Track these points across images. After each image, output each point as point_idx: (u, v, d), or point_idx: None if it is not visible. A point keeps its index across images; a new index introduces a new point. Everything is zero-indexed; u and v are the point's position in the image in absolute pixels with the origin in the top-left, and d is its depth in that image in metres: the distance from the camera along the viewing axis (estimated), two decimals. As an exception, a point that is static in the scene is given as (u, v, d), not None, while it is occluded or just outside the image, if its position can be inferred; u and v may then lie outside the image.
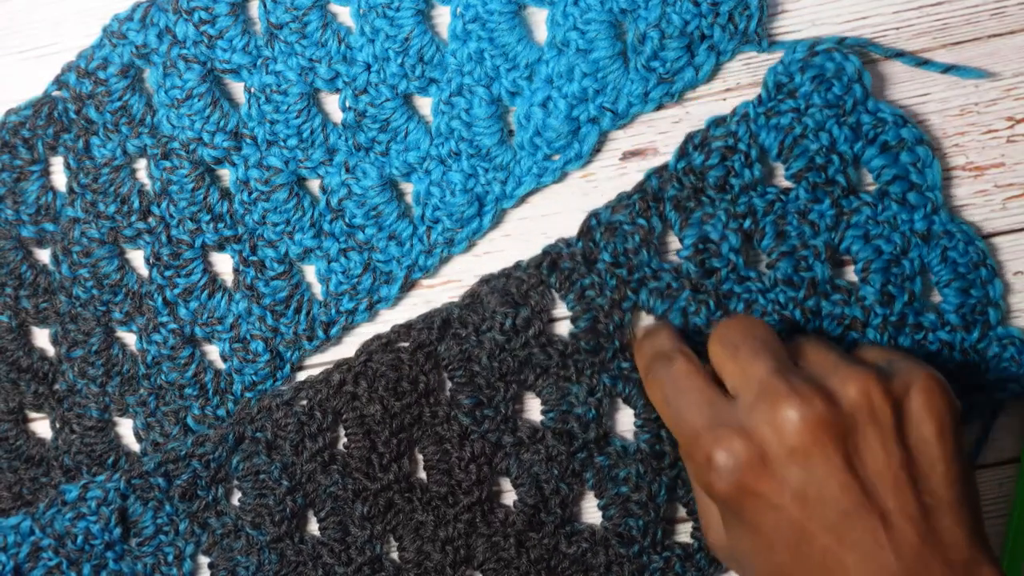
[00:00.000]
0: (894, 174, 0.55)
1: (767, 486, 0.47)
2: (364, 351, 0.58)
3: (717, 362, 0.51)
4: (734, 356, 0.50)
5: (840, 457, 0.46)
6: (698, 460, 0.48)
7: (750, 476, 0.47)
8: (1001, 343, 0.56)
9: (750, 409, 0.48)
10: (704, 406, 0.49)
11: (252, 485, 0.59)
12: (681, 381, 0.51)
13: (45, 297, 0.60)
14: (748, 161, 0.56)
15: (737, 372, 0.49)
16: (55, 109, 0.59)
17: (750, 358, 0.49)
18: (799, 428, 0.46)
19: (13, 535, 0.59)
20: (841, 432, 0.46)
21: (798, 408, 0.46)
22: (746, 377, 0.49)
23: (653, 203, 0.57)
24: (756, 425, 0.47)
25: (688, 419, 0.50)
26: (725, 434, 0.48)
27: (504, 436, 0.58)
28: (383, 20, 0.57)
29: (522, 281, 0.57)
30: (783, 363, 0.49)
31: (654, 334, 0.55)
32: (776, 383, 0.47)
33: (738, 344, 0.50)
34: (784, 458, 0.46)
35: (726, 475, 0.47)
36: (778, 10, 0.57)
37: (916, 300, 0.56)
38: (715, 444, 0.48)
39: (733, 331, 0.51)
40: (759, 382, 0.48)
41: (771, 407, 0.47)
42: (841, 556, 0.46)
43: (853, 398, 0.47)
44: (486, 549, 0.59)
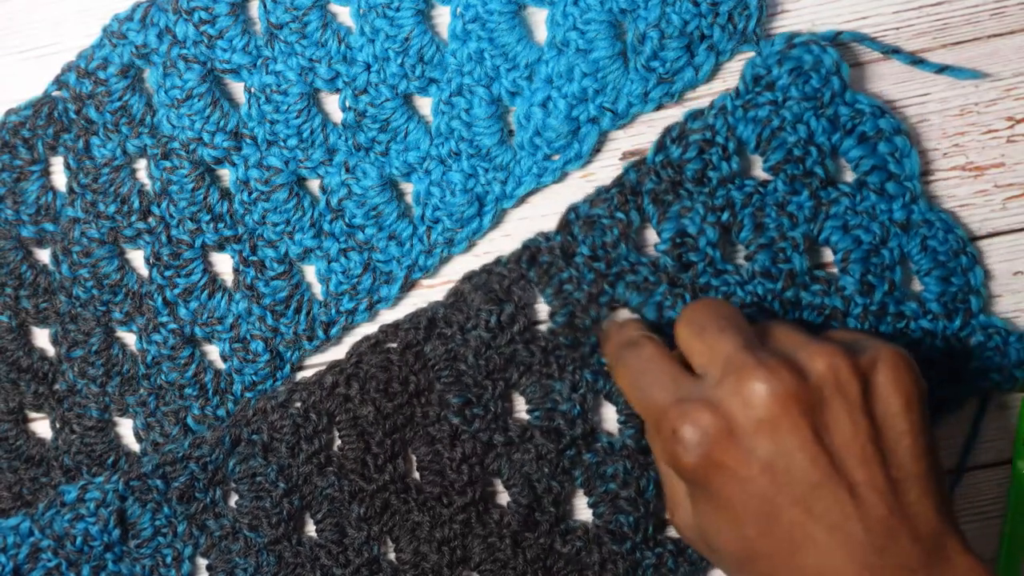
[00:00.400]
0: (872, 164, 0.55)
1: (735, 459, 0.46)
2: (354, 352, 0.58)
3: (684, 343, 0.51)
4: (700, 335, 0.50)
5: (808, 429, 0.46)
6: (664, 435, 0.48)
7: (717, 449, 0.46)
8: (985, 332, 0.55)
9: (717, 384, 0.47)
10: (670, 384, 0.49)
11: (249, 487, 0.59)
12: (647, 363, 0.51)
13: (45, 297, 0.60)
14: (726, 154, 0.56)
15: (704, 350, 0.49)
16: (55, 109, 0.59)
17: (716, 335, 0.49)
18: (767, 400, 0.46)
19: (13, 536, 0.59)
20: (809, 404, 0.46)
21: (766, 380, 0.46)
22: (713, 354, 0.49)
23: (631, 196, 0.57)
24: (723, 398, 0.47)
25: (654, 397, 0.50)
26: (691, 407, 0.47)
27: (495, 435, 0.58)
28: (383, 20, 0.57)
29: (504, 276, 0.57)
30: (750, 339, 0.49)
31: (621, 324, 0.55)
32: (743, 357, 0.47)
33: (704, 324, 0.50)
34: (752, 430, 0.46)
35: (693, 448, 0.47)
36: (778, 10, 0.57)
37: (896, 289, 0.55)
38: (681, 418, 0.47)
39: (699, 312, 0.51)
40: (726, 357, 0.48)
41: (738, 380, 0.47)
42: (809, 528, 0.46)
43: (821, 371, 0.47)
44: (482, 549, 0.59)
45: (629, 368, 0.52)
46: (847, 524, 0.45)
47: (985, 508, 0.58)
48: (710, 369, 0.49)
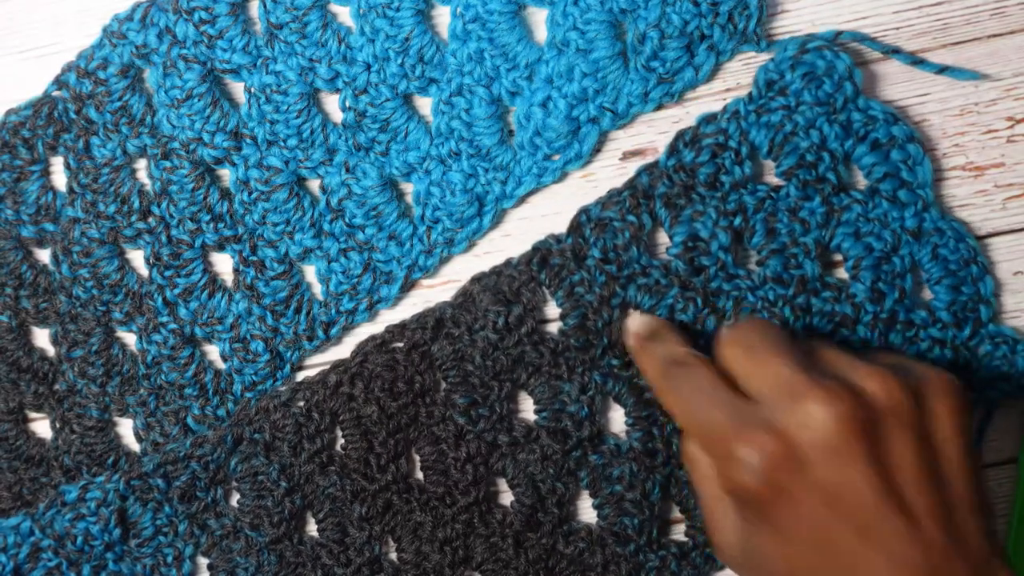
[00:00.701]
0: (884, 171, 0.55)
1: (795, 482, 0.46)
2: (360, 352, 0.58)
3: (731, 364, 0.51)
4: (750, 356, 0.50)
5: (867, 453, 0.46)
6: (722, 457, 0.48)
7: (779, 472, 0.46)
8: (993, 341, 0.56)
9: (774, 407, 0.47)
10: (727, 406, 0.49)
11: (251, 486, 0.59)
12: (701, 382, 0.50)
13: (45, 297, 0.60)
14: (738, 158, 0.56)
15: (755, 372, 0.49)
16: (55, 109, 0.59)
17: (768, 357, 0.49)
18: (827, 423, 0.46)
19: (13, 536, 0.59)
20: (868, 428, 0.46)
21: (825, 402, 0.46)
22: (765, 376, 0.49)
23: (643, 200, 0.57)
24: (783, 422, 0.47)
25: (712, 418, 0.49)
26: (754, 432, 0.47)
27: (500, 436, 0.58)
28: (383, 20, 0.57)
29: (513, 279, 0.57)
30: (802, 360, 0.49)
31: (659, 336, 0.55)
32: (799, 380, 0.47)
33: (753, 344, 0.50)
34: (813, 454, 0.46)
35: (757, 472, 0.47)
36: (778, 10, 0.57)
37: (907, 297, 0.56)
38: (744, 442, 0.47)
39: (747, 332, 0.51)
40: (781, 380, 0.48)
41: (797, 403, 0.47)
42: (866, 553, 0.46)
43: (876, 394, 0.47)
44: (484, 550, 0.59)
45: (679, 387, 0.51)
46: (905, 549, 0.45)
47: (985, 507, 0.58)
48: (764, 391, 0.48)
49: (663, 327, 0.55)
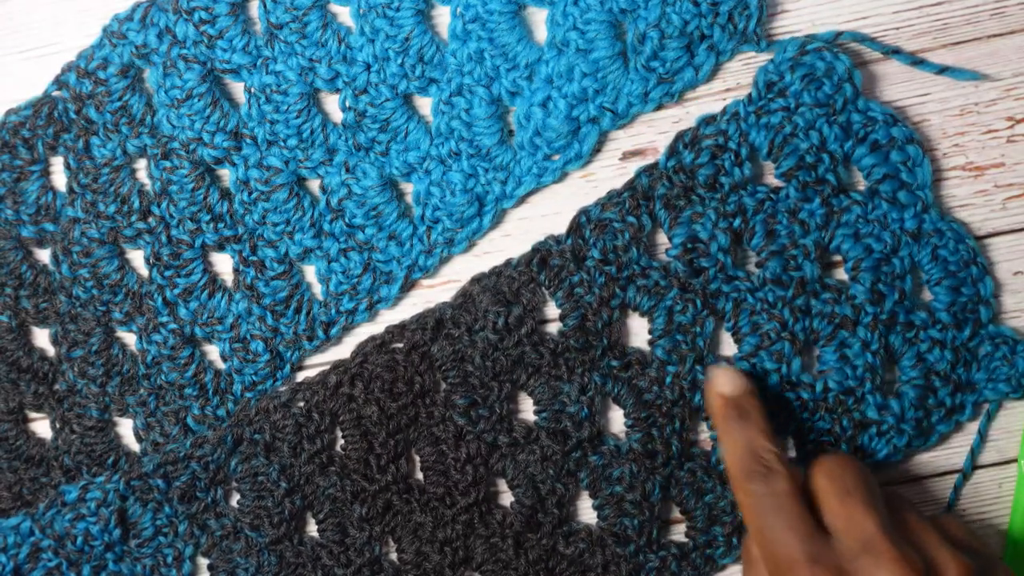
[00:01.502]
0: (884, 173, 0.55)
1: None
2: (360, 352, 0.58)
3: (822, 496, 0.51)
4: (843, 499, 0.50)
5: None
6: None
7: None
8: (993, 342, 0.56)
9: (854, 557, 0.48)
10: (805, 535, 0.49)
11: (251, 487, 0.59)
12: (782, 500, 0.51)
13: (45, 297, 0.60)
14: (738, 160, 0.56)
15: (843, 515, 0.50)
16: (55, 109, 0.59)
17: (861, 508, 0.50)
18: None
19: (13, 536, 0.59)
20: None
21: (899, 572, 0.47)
22: (852, 524, 0.49)
23: (643, 201, 0.57)
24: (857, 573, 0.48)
25: (786, 543, 0.49)
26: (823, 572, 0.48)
27: (499, 436, 0.58)
28: (383, 20, 0.57)
29: (513, 279, 0.57)
30: (891, 524, 0.50)
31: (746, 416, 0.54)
32: (885, 543, 0.48)
33: (851, 489, 0.50)
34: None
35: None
36: (778, 10, 0.57)
37: (907, 298, 0.56)
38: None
39: (846, 472, 0.51)
40: (867, 535, 0.49)
41: (877, 564, 0.48)
42: None
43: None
44: (484, 550, 0.59)
45: (759, 497, 0.51)
46: None
47: (986, 508, 0.58)
48: (845, 538, 0.49)
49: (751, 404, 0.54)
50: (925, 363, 0.56)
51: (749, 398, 0.55)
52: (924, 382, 0.56)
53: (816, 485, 0.52)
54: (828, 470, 0.52)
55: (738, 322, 0.56)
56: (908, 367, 0.56)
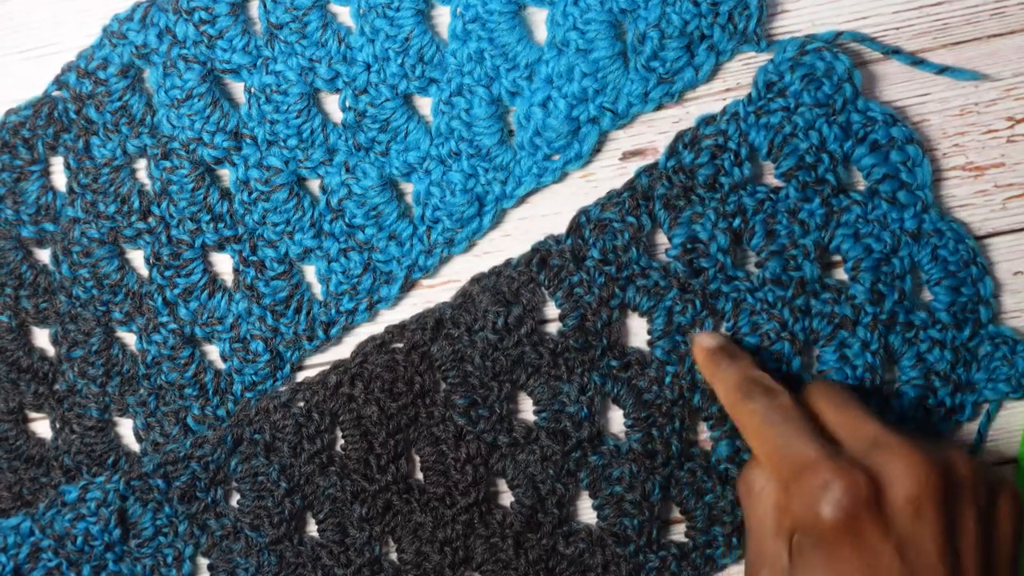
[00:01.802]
0: (884, 173, 0.55)
1: (873, 528, 0.47)
2: (360, 352, 0.58)
3: (819, 410, 0.52)
4: (842, 409, 0.51)
5: (946, 521, 0.48)
6: (808, 485, 0.48)
7: (862, 513, 0.47)
8: (993, 342, 0.56)
9: (864, 455, 0.49)
10: (817, 439, 0.50)
11: (251, 487, 0.59)
12: (791, 411, 0.51)
13: (45, 297, 0.60)
14: (738, 160, 0.56)
15: (845, 424, 0.51)
16: (55, 109, 0.59)
17: (861, 415, 0.50)
18: (917, 480, 0.47)
19: (13, 536, 0.59)
20: (950, 498, 0.48)
21: (919, 463, 0.47)
22: (856, 430, 0.50)
23: (643, 201, 0.57)
24: (875, 466, 0.48)
25: (802, 446, 0.49)
26: (848, 466, 0.48)
27: (499, 436, 0.58)
28: (383, 20, 0.57)
29: (513, 279, 0.57)
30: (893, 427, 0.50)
31: (735, 356, 0.55)
32: (895, 439, 0.49)
33: (846, 401, 0.51)
34: (898, 505, 0.47)
35: (841, 505, 0.47)
36: (778, 10, 0.57)
37: (906, 298, 0.56)
38: (836, 473, 0.47)
39: (836, 389, 0.53)
40: (873, 435, 0.49)
41: (892, 457, 0.48)
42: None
43: (964, 475, 0.49)
44: (484, 550, 0.59)
45: (763, 409, 0.52)
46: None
47: (986, 508, 0.58)
48: (852, 440, 0.50)
49: (738, 348, 0.56)
50: (925, 363, 0.56)
51: (734, 344, 0.56)
52: (924, 382, 0.56)
53: (811, 405, 0.52)
54: (819, 390, 0.53)
55: (738, 322, 0.56)
56: (908, 367, 0.56)
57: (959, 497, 0.48)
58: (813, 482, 0.48)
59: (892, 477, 0.47)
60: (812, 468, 0.48)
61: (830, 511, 0.47)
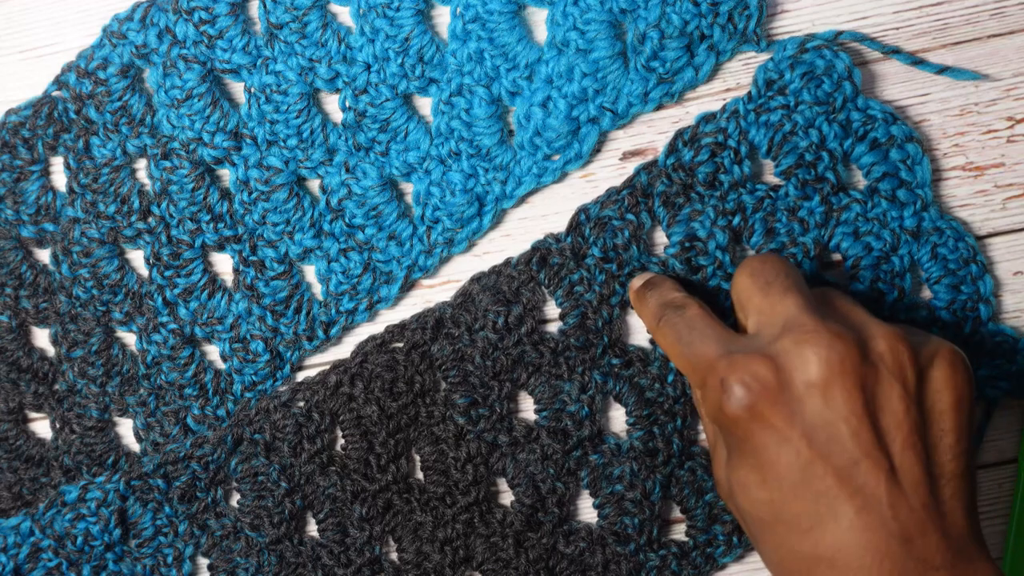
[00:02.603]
0: (884, 171, 0.55)
1: (780, 415, 0.46)
2: (360, 352, 0.58)
3: (743, 295, 0.50)
4: (764, 291, 0.49)
5: (860, 402, 0.45)
6: (711, 385, 0.48)
7: (764, 401, 0.46)
8: (993, 340, 0.56)
9: (773, 340, 0.47)
10: (719, 338, 0.49)
11: (251, 487, 0.59)
12: (696, 321, 0.50)
13: (45, 297, 0.60)
14: (737, 158, 0.56)
15: (765, 307, 0.49)
16: (55, 109, 0.59)
17: (781, 294, 0.49)
18: (825, 362, 0.45)
19: (13, 536, 0.59)
20: (864, 378, 0.46)
21: (827, 344, 0.45)
22: (774, 312, 0.48)
23: (642, 199, 0.57)
24: (779, 353, 0.46)
25: (703, 351, 0.49)
26: (743, 357, 0.47)
27: (500, 436, 0.58)
28: (383, 20, 0.57)
29: (513, 278, 0.57)
30: (815, 305, 0.48)
31: (658, 285, 0.54)
32: (807, 318, 0.47)
33: (770, 280, 0.50)
34: (803, 390, 0.46)
35: (740, 396, 0.46)
36: (778, 10, 0.57)
37: (906, 297, 0.56)
38: (731, 367, 0.47)
39: (766, 267, 0.50)
40: (788, 316, 0.47)
41: (799, 339, 0.46)
42: (838, 503, 0.45)
43: (882, 351, 0.46)
44: (485, 549, 0.59)
45: (674, 327, 0.51)
46: (878, 507, 0.45)
47: (986, 508, 0.58)
48: (766, 327, 0.48)
49: (660, 277, 0.55)
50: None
51: (658, 277, 0.55)
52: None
53: (737, 287, 0.51)
54: (748, 270, 0.51)
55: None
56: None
57: (879, 376, 0.46)
58: (712, 382, 0.47)
59: (796, 361, 0.46)
60: (712, 368, 0.48)
61: (731, 405, 0.46)
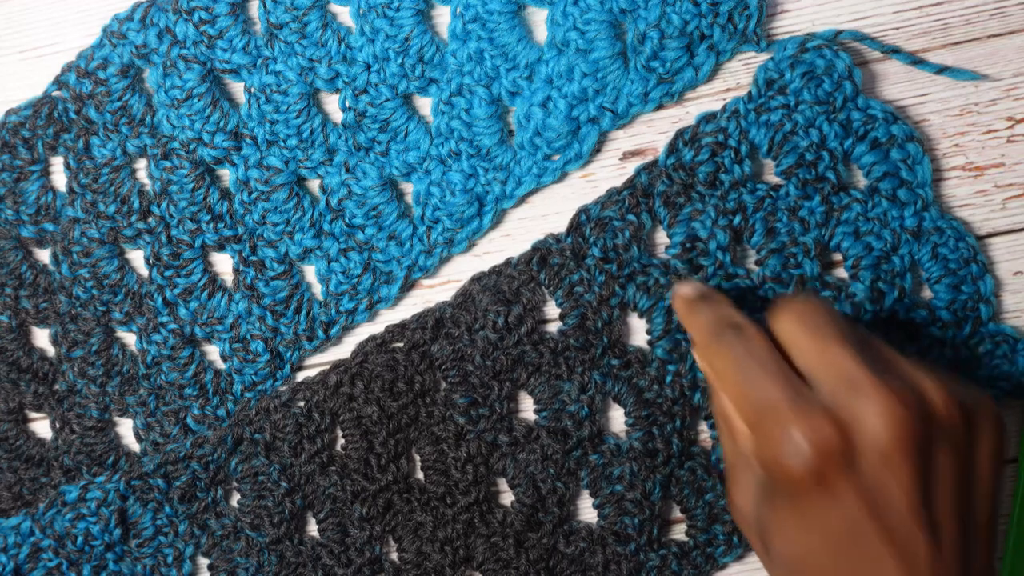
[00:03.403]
0: (884, 171, 0.55)
1: (840, 478, 0.45)
2: (360, 352, 0.58)
3: (790, 339, 0.48)
4: (813, 336, 0.47)
5: (919, 467, 0.45)
6: (773, 433, 0.46)
7: (828, 463, 0.45)
8: (993, 340, 0.56)
9: (834, 396, 0.45)
10: (785, 382, 0.46)
11: (251, 487, 0.59)
12: (758, 351, 0.48)
13: (45, 297, 0.60)
14: (738, 157, 0.56)
15: (817, 354, 0.47)
16: (55, 109, 0.59)
17: (835, 344, 0.46)
18: (889, 427, 0.44)
19: (13, 536, 0.59)
20: (925, 441, 0.45)
21: (888, 405, 0.44)
22: (828, 362, 0.46)
23: (643, 199, 0.57)
24: (845, 414, 0.45)
25: (766, 389, 0.46)
26: (813, 413, 0.45)
27: (500, 435, 0.58)
28: (383, 20, 0.57)
29: (513, 278, 0.57)
30: (871, 357, 0.47)
31: (711, 299, 0.52)
32: (864, 375, 0.45)
33: (821, 326, 0.47)
34: (866, 453, 0.45)
35: (805, 454, 0.45)
36: (778, 10, 0.57)
37: (906, 296, 0.56)
38: (801, 420, 0.45)
39: (811, 309, 0.48)
40: (845, 370, 0.46)
41: (860, 398, 0.45)
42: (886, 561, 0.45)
43: (940, 411, 0.46)
44: (485, 549, 0.59)
45: (733, 349, 0.48)
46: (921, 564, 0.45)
47: (985, 507, 0.58)
48: (823, 378, 0.46)
49: (715, 291, 0.53)
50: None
51: (712, 290, 0.53)
52: (924, 380, 0.56)
53: (781, 329, 0.49)
54: (792, 310, 0.49)
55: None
56: (909, 365, 0.56)
57: (936, 440, 0.45)
58: (776, 430, 0.46)
59: (863, 425, 0.44)
60: (774, 412, 0.46)
61: (792, 461, 0.45)
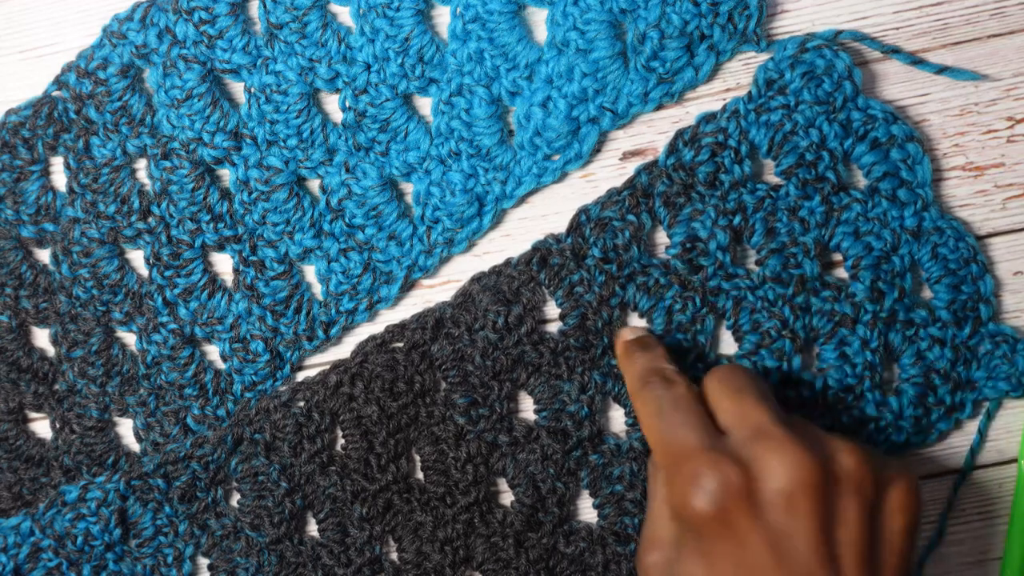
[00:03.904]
0: (884, 171, 0.55)
1: (744, 521, 0.47)
2: (360, 352, 0.58)
3: (715, 399, 0.51)
4: (735, 396, 0.51)
5: (821, 517, 0.47)
6: (684, 475, 0.49)
7: (733, 505, 0.47)
8: (993, 340, 0.56)
9: (744, 444, 0.48)
10: (700, 430, 0.50)
11: (251, 487, 0.59)
12: (681, 402, 0.51)
13: (45, 297, 0.60)
14: (738, 157, 0.56)
15: (735, 412, 0.50)
16: (55, 109, 0.59)
17: (752, 403, 0.50)
18: (792, 475, 0.47)
19: (13, 536, 0.59)
20: (828, 494, 0.47)
21: (796, 457, 0.47)
22: (744, 418, 0.50)
23: (643, 199, 0.57)
24: (752, 460, 0.48)
25: (683, 436, 0.50)
26: (721, 458, 0.48)
27: (500, 435, 0.58)
28: (383, 20, 0.57)
29: (513, 279, 0.57)
30: (786, 419, 0.50)
31: (648, 347, 0.55)
32: (776, 430, 0.48)
33: (741, 387, 0.51)
34: (770, 499, 0.47)
35: (712, 497, 0.47)
36: (778, 10, 0.57)
37: (906, 296, 0.56)
38: (709, 464, 0.48)
39: (735, 375, 0.52)
40: (757, 424, 0.49)
41: (770, 448, 0.48)
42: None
43: (848, 467, 0.48)
44: (485, 549, 0.59)
45: (658, 398, 0.52)
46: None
47: (986, 508, 0.58)
48: (737, 429, 0.49)
49: (653, 341, 0.56)
50: (925, 361, 0.56)
51: (652, 339, 0.56)
52: (924, 380, 0.56)
53: (708, 389, 0.52)
54: (719, 375, 0.52)
55: (738, 320, 0.56)
56: (908, 365, 0.56)
57: (840, 490, 0.48)
58: (686, 472, 0.48)
59: (766, 469, 0.47)
60: (687, 458, 0.49)
61: (700, 502, 0.48)
